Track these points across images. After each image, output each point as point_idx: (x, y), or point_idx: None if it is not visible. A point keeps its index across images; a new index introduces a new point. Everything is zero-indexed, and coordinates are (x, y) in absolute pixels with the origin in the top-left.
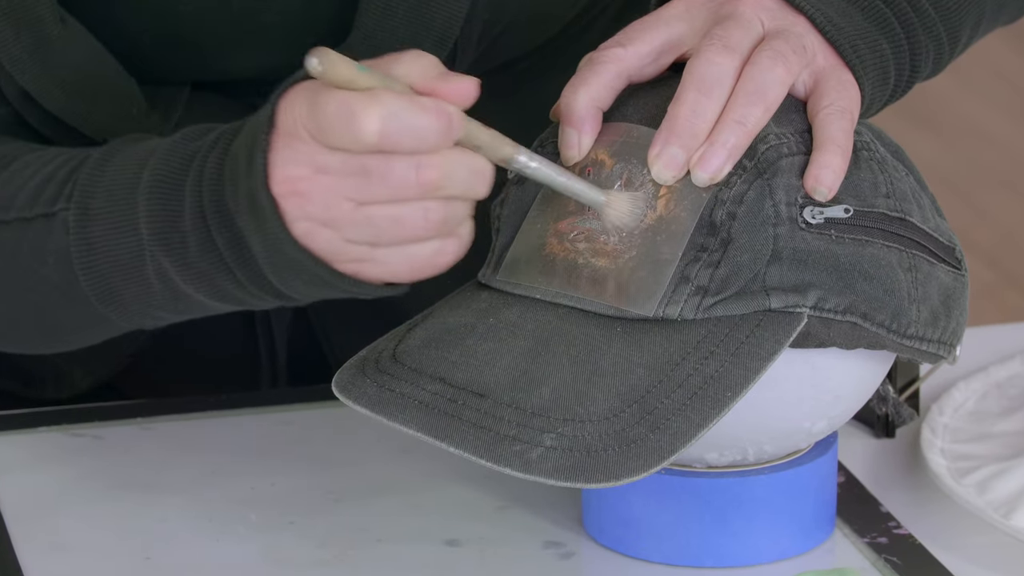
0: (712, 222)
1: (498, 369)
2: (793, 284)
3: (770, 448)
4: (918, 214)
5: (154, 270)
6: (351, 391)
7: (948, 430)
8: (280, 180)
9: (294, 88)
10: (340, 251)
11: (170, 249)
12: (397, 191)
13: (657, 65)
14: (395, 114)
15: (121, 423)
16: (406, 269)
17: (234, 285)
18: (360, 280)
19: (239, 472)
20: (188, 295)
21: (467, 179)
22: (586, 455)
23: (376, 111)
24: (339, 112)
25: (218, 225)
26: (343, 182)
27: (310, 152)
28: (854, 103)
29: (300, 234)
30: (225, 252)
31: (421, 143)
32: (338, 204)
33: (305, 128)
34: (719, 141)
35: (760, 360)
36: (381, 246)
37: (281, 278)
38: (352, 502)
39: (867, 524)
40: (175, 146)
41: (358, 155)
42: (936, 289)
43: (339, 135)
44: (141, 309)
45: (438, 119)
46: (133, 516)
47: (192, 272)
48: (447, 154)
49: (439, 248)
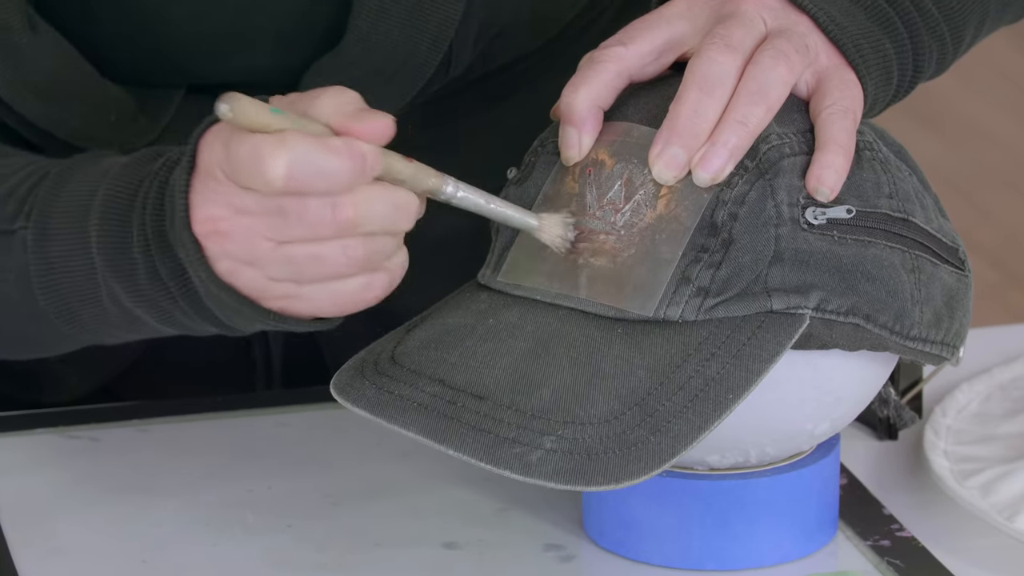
0: (713, 223)
1: (498, 371)
2: (795, 285)
3: (772, 450)
4: (921, 215)
5: (107, 293)
6: (349, 393)
7: (951, 432)
8: (200, 220)
9: (212, 128)
10: (264, 289)
11: (120, 274)
12: (314, 230)
13: (658, 64)
14: (302, 157)
15: (118, 425)
16: (331, 305)
17: (181, 314)
18: (288, 316)
19: (236, 475)
20: (140, 319)
21: (388, 214)
22: (586, 458)
23: (283, 155)
24: (247, 155)
25: (160, 255)
26: (261, 222)
27: (227, 193)
28: (857, 103)
29: (223, 272)
30: (169, 282)
31: (332, 184)
32: (258, 243)
33: (221, 169)
34: (721, 141)
35: (762, 362)
36: (305, 283)
37: (220, 311)
38: (350, 505)
39: (870, 527)
40: (125, 171)
41: (274, 196)
42: (939, 290)
43: (249, 178)
44: (99, 328)
45: (350, 159)
46: (129, 519)
47: (142, 299)
48: (364, 191)
49: (366, 283)
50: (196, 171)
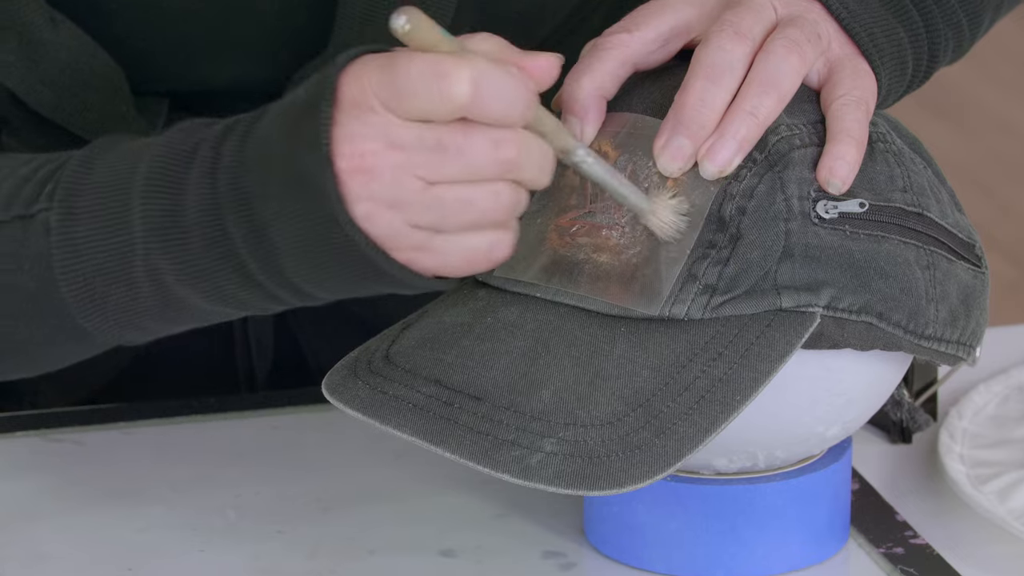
0: (721, 217)
1: (496, 371)
2: (805, 282)
3: (781, 454)
4: (936, 209)
5: (145, 271)
6: (342, 393)
7: (967, 435)
8: (347, 155)
9: (356, 61)
10: (400, 236)
11: (168, 246)
12: (474, 168)
13: (664, 52)
14: (486, 76)
15: (102, 428)
16: (462, 261)
17: (239, 283)
18: (411, 270)
19: (224, 479)
20: (180, 299)
21: (538, 163)
22: (588, 461)
23: (467, 72)
24: (426, 73)
25: (237, 216)
26: (416, 157)
27: (383, 124)
28: (870, 93)
29: (360, 215)
30: (240, 243)
31: (509, 112)
32: (408, 182)
33: (377, 97)
34: (729, 132)
35: (771, 362)
36: (443, 232)
37: (312, 270)
38: (342, 510)
39: (883, 533)
40: (173, 139)
41: (435, 128)
42: (955, 287)
43: (424, 99)
44: (123, 318)
45: (525, 88)
46: (114, 525)
47: (192, 270)
48: (524, 134)
49: (496, 240)
50: (337, 105)
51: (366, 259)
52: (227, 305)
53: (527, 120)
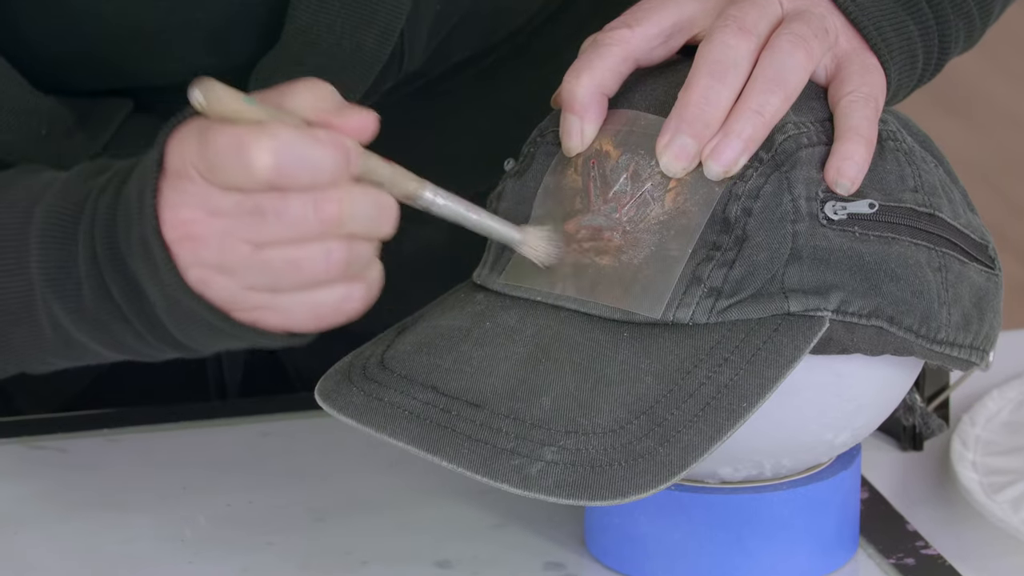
0: (726, 218)
1: (495, 377)
2: (814, 286)
3: (788, 462)
4: (948, 209)
5: (46, 316)
6: (335, 400)
7: (980, 442)
8: (171, 224)
9: (183, 126)
10: (238, 299)
11: (63, 295)
12: (295, 230)
13: (667, 48)
14: (288, 146)
15: (86, 435)
16: (309, 317)
17: (132, 336)
18: (261, 329)
19: (213, 488)
20: (82, 343)
21: (371, 215)
22: (590, 470)
23: (267, 144)
24: (229, 146)
25: (112, 272)
26: (237, 223)
27: (201, 193)
28: (879, 89)
29: (194, 281)
30: (120, 301)
31: (317, 176)
32: (233, 248)
33: (195, 167)
34: (734, 131)
35: (778, 368)
36: (281, 292)
37: (180, 328)
38: (336, 521)
39: (893, 544)
40: (69, 184)
41: (252, 194)
42: (968, 290)
43: (230, 172)
44: (30, 354)
45: (335, 150)
46: (99, 536)
47: (87, 321)
48: (347, 189)
49: (345, 294)
50: (164, 174)
51: (209, 321)
52: (124, 353)
53: (345, 178)
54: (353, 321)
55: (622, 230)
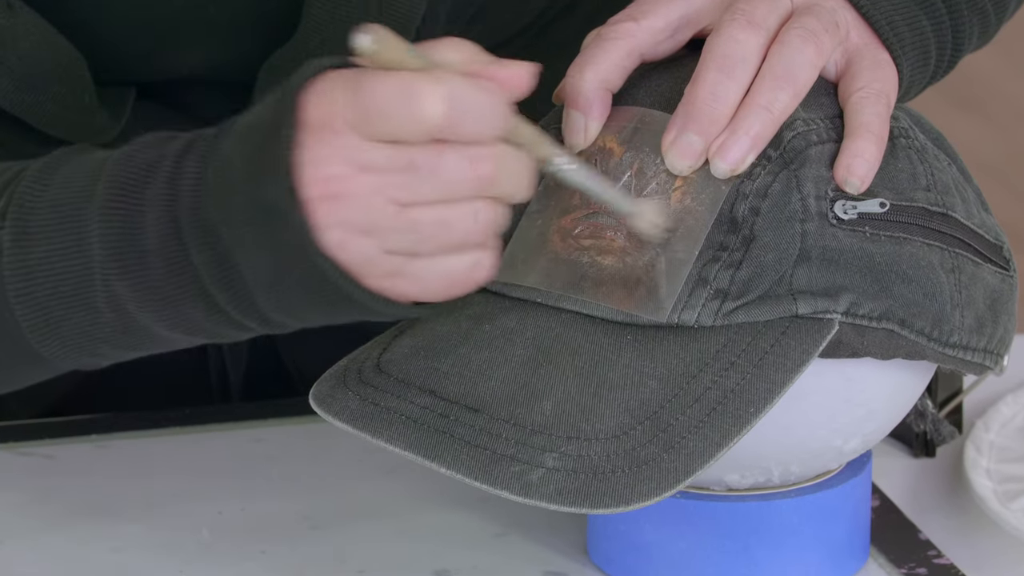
0: (733, 218)
1: (494, 381)
2: (823, 287)
3: (797, 469)
4: (961, 208)
5: (105, 297)
6: (331, 404)
7: (994, 448)
8: (315, 181)
9: (319, 79)
10: (374, 263)
11: (127, 270)
12: (450, 187)
13: (673, 42)
14: (459, 94)
15: (74, 441)
16: (443, 284)
17: (205, 312)
18: (387, 299)
19: (205, 495)
20: (143, 326)
21: (517, 177)
22: (592, 477)
23: (440, 90)
24: (397, 93)
25: (198, 242)
26: (389, 180)
27: (350, 147)
28: (890, 85)
29: (331, 244)
30: (204, 272)
31: (484, 128)
32: (381, 206)
33: (345, 120)
34: (742, 128)
35: (786, 372)
36: (420, 256)
37: (281, 300)
38: (331, 529)
39: (904, 553)
40: (133, 153)
41: (406, 148)
42: (982, 292)
43: (396, 120)
44: (81, 344)
45: (501, 102)
46: (87, 544)
47: (154, 298)
48: (500, 147)
49: (477, 261)
50: (302, 127)
51: (337, 289)
52: (192, 334)
53: (502, 133)
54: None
55: (626, 230)
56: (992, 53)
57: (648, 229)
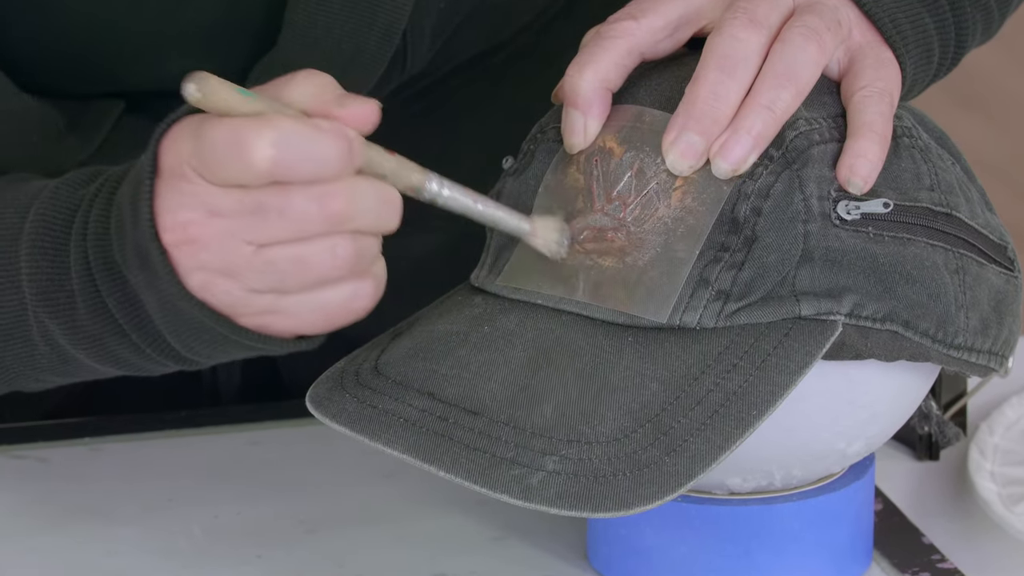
0: (734, 218)
1: (494, 383)
2: (826, 288)
3: (799, 472)
4: (966, 208)
5: (39, 332)
6: (328, 407)
7: (999, 451)
8: (169, 228)
9: (176, 125)
10: (242, 303)
11: (56, 310)
12: (299, 227)
13: (673, 40)
14: (289, 137)
15: (68, 444)
16: (318, 318)
17: (129, 349)
18: (267, 335)
19: (200, 499)
20: (77, 359)
21: (376, 209)
22: (593, 481)
23: (267, 135)
24: (226, 140)
25: (107, 284)
26: (238, 223)
27: (199, 193)
28: (894, 84)
29: (196, 287)
30: (117, 313)
31: (321, 169)
32: (235, 248)
33: (190, 166)
34: (743, 127)
35: (789, 374)
36: (288, 293)
37: (181, 339)
38: (328, 533)
39: (908, 557)
40: (58, 193)
41: (253, 191)
42: (986, 293)
43: (228, 167)
44: (24, 372)
45: (338, 141)
46: (81, 548)
47: (81, 335)
48: (351, 182)
49: (353, 292)
50: (159, 175)
51: (213, 329)
52: (124, 369)
53: (350, 170)
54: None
55: (626, 230)
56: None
57: (545, 247)
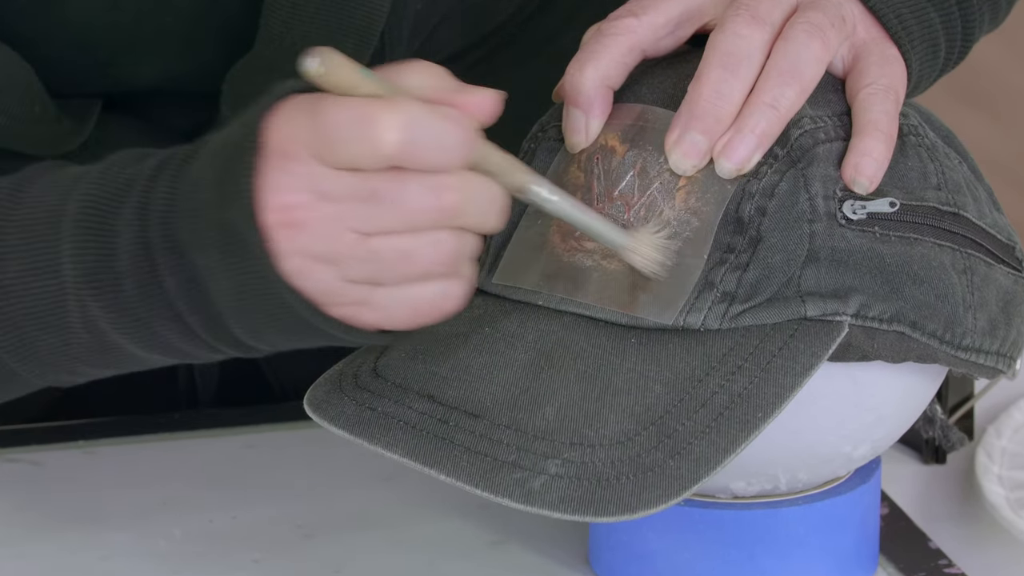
0: (739, 218)
1: (495, 386)
2: (832, 289)
3: (805, 476)
4: (973, 208)
5: (79, 317)
6: (326, 410)
7: (1007, 455)
8: (274, 208)
9: (284, 103)
10: (336, 292)
11: (101, 291)
12: (412, 217)
13: (675, 38)
14: (417, 121)
15: (61, 447)
16: (407, 313)
17: (179, 335)
18: (352, 327)
19: (195, 503)
20: (118, 346)
21: (485, 207)
22: (596, 484)
23: (396, 118)
24: (352, 119)
25: (169, 265)
26: (349, 209)
27: (311, 175)
28: (899, 81)
29: (291, 272)
30: (175, 296)
31: (444, 157)
32: (341, 236)
33: (305, 146)
34: (747, 126)
35: (795, 376)
36: (383, 286)
37: (250, 325)
38: (325, 537)
39: (914, 562)
40: (107, 172)
41: (368, 177)
42: (994, 294)
43: (351, 148)
44: (58, 362)
45: (463, 130)
46: (75, 553)
47: (127, 319)
48: (466, 176)
49: (444, 290)
50: (264, 153)
51: (300, 317)
52: (168, 355)
53: (467, 162)
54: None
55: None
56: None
57: (644, 264)
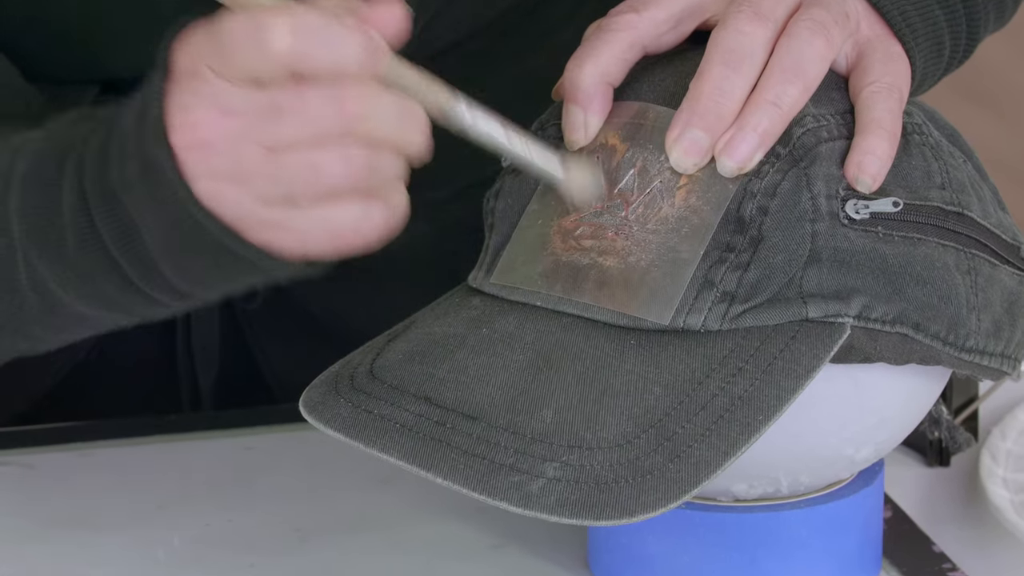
0: (740, 217)
1: (493, 388)
2: (834, 289)
3: (807, 479)
4: (978, 207)
5: (27, 277)
6: (322, 412)
7: (1012, 457)
8: (181, 128)
9: (189, 29)
10: (251, 213)
11: (46, 248)
12: (315, 127)
13: (676, 34)
14: (309, 26)
15: (55, 449)
16: (326, 237)
17: (118, 286)
18: (273, 254)
19: (191, 506)
20: (64, 304)
21: (396, 120)
22: (595, 488)
23: (287, 22)
24: (243, 29)
25: (102, 212)
26: (251, 123)
27: (213, 92)
28: (903, 79)
29: (205, 194)
30: (111, 244)
31: (340, 63)
32: (247, 151)
33: (205, 62)
34: (749, 124)
35: (796, 378)
36: (297, 206)
37: (179, 265)
38: (322, 541)
39: (918, 566)
40: (52, 133)
41: (268, 89)
42: (999, 294)
43: (245, 56)
44: (15, 327)
45: (360, 38)
46: (68, 557)
47: (71, 273)
48: (371, 88)
49: (364, 212)
50: (172, 76)
51: (220, 243)
52: (111, 310)
53: (369, 70)
54: (337, 327)
55: (628, 230)
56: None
57: (579, 190)
